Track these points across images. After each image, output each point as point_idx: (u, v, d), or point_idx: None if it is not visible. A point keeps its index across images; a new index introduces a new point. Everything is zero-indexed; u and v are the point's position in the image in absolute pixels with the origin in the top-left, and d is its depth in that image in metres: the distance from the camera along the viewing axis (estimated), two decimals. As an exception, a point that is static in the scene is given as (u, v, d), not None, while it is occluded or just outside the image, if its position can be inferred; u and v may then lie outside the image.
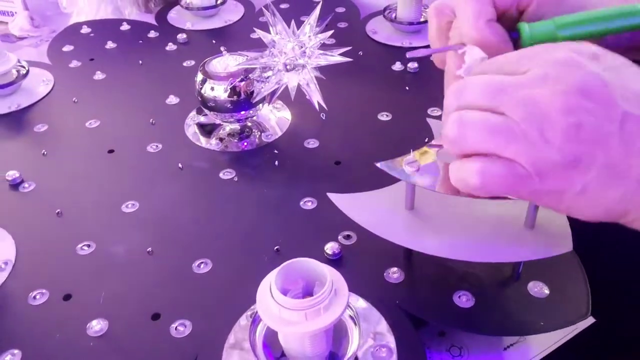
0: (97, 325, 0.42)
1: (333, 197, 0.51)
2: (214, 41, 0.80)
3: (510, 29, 0.36)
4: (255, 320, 0.38)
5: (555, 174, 0.29)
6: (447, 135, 0.32)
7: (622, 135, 0.28)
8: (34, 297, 0.45)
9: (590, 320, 0.42)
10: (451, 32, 0.39)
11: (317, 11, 0.55)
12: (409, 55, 0.40)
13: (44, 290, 0.45)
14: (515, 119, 0.29)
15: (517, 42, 0.36)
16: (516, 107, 0.29)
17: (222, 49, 0.60)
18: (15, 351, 0.41)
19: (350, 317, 0.38)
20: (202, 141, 0.62)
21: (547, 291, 0.43)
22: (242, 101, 0.58)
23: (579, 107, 0.28)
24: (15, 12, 0.97)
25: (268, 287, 0.34)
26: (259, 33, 0.55)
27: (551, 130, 0.29)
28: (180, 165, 0.58)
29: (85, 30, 0.85)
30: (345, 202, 0.49)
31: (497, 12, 0.36)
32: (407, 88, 0.69)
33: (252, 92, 0.57)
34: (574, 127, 0.28)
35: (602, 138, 0.28)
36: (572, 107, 0.28)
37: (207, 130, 0.63)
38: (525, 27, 0.36)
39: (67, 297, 0.45)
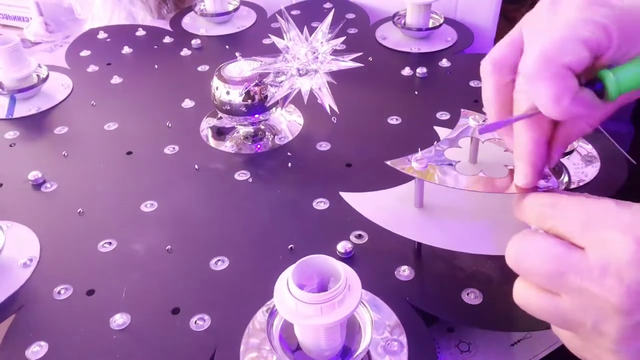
0: (120, 319, 0.44)
1: (345, 195, 0.52)
2: (227, 46, 0.82)
3: (591, 77, 0.31)
4: (272, 314, 0.39)
5: (599, 355, 0.30)
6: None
7: None
8: (59, 292, 0.46)
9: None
10: (516, 95, 0.34)
11: (329, 18, 0.56)
12: (481, 131, 0.36)
13: (67, 286, 0.47)
14: (572, 307, 0.30)
15: (602, 94, 0.31)
16: (573, 295, 0.29)
17: (237, 54, 0.62)
18: (42, 343, 0.42)
19: (363, 312, 0.40)
20: (217, 143, 0.64)
21: (552, 289, 0.44)
22: (256, 105, 0.59)
23: (636, 309, 0.28)
24: (30, 18, 1.00)
25: (285, 282, 0.35)
26: (273, 39, 0.57)
27: (606, 324, 0.29)
28: (196, 166, 0.60)
29: (101, 35, 0.87)
30: (357, 200, 0.51)
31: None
32: (416, 92, 0.70)
33: (266, 96, 0.59)
34: (630, 328, 0.28)
35: None
36: (630, 309, 0.28)
37: (221, 133, 0.65)
38: (609, 76, 0.31)
39: (90, 292, 0.46)
